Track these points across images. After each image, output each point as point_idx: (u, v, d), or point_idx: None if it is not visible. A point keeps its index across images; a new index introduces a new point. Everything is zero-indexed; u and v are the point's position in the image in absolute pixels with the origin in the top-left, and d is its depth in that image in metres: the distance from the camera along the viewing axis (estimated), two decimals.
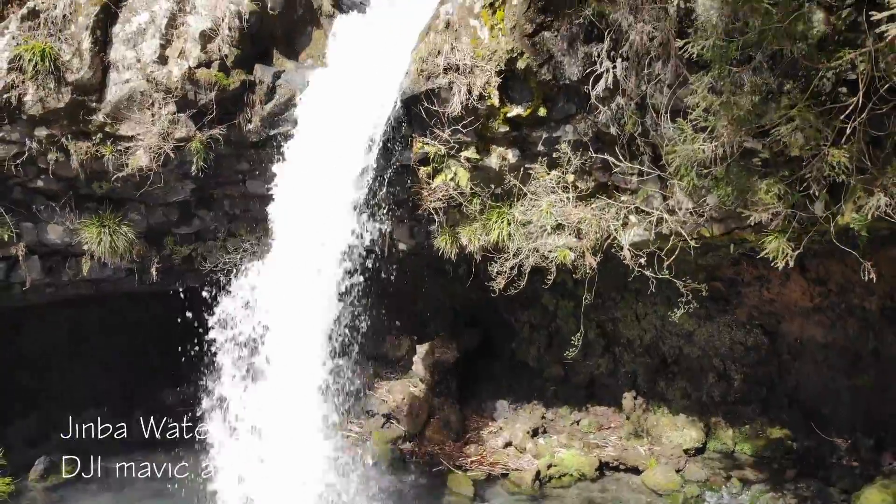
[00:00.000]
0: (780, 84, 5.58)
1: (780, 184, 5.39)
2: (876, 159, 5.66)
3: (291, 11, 7.86)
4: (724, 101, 5.00)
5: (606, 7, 6.43)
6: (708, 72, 5.22)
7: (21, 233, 7.74)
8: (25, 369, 9.90)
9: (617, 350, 9.93)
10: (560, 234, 7.61)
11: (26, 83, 6.92)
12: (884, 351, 8.06)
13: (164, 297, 8.81)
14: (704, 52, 5.09)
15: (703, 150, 5.41)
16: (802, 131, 5.17)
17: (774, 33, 4.77)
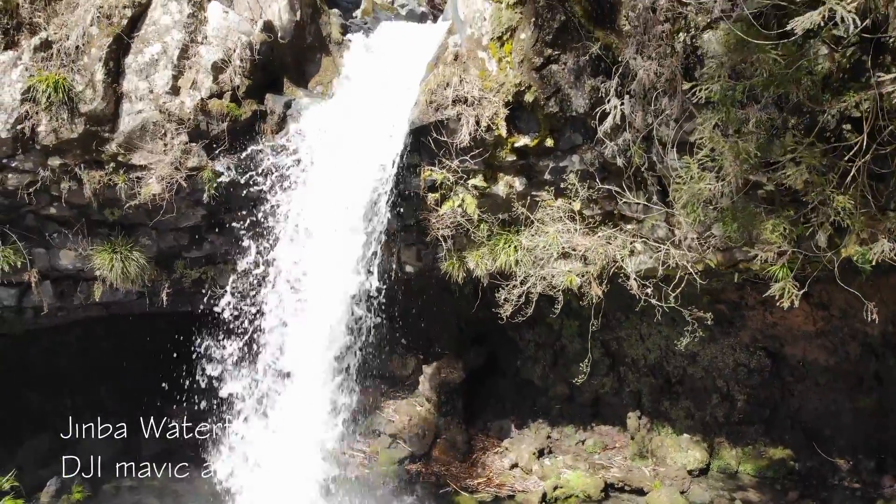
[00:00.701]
0: (785, 120, 5.70)
1: (786, 223, 5.48)
2: (879, 197, 5.79)
3: (301, 39, 7.96)
4: (731, 144, 5.07)
5: (613, 41, 6.57)
6: (715, 114, 5.31)
7: (34, 259, 7.83)
8: (35, 389, 9.98)
9: (622, 369, 10.03)
10: (567, 261, 7.72)
11: (40, 114, 7.00)
12: (885, 375, 8.17)
13: (172, 315, 8.93)
14: (712, 95, 5.20)
15: (710, 188, 5.50)
16: (808, 174, 5.27)
17: (780, 79, 4.86)
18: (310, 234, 7.32)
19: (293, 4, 7.79)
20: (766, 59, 4.57)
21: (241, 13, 7.73)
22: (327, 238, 7.27)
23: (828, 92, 5.48)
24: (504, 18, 6.73)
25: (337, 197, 7.16)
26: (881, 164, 5.51)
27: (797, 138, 5.65)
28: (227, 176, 7.31)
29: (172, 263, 8.54)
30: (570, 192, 7.16)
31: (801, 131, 5.65)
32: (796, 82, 4.90)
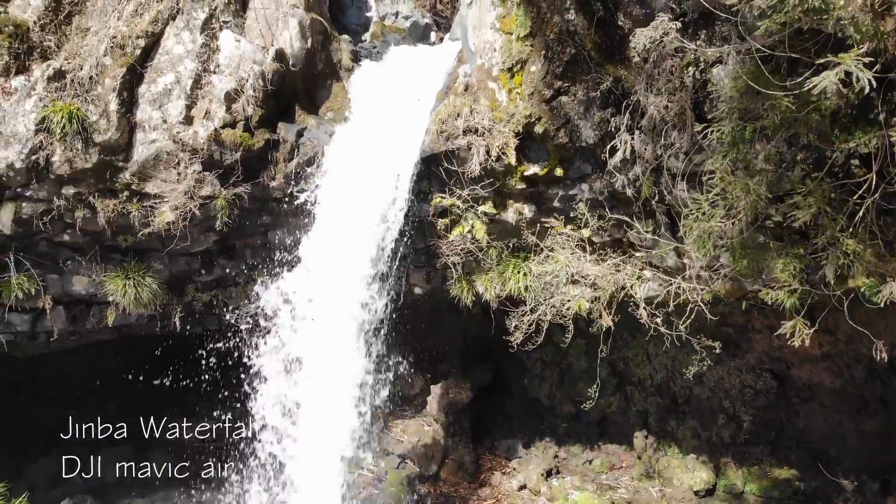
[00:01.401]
0: (794, 154, 5.77)
1: (795, 261, 5.55)
2: (887, 232, 5.86)
3: (312, 66, 8.03)
4: (743, 185, 5.14)
5: (622, 74, 6.64)
6: (725, 156, 5.38)
7: (47, 285, 7.89)
8: (44, 407, 10.04)
9: (628, 389, 10.10)
10: (576, 286, 7.78)
11: (54, 144, 7.06)
12: (890, 398, 8.24)
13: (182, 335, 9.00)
14: (723, 136, 5.26)
15: (721, 226, 5.57)
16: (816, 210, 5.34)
17: (791, 122, 4.93)
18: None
19: (304, 32, 7.86)
20: (777, 104, 4.62)
21: (252, 40, 7.79)
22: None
23: (836, 128, 5.55)
24: (514, 51, 6.80)
25: (345, 239, 7.26)
26: (889, 199, 5.59)
27: (805, 172, 5.74)
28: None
29: (184, 287, 8.61)
30: (579, 221, 7.24)
31: (809, 165, 5.73)
32: (807, 124, 4.95)
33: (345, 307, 7.36)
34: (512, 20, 6.89)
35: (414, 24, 11.21)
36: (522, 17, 6.72)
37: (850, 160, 5.73)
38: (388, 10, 11.17)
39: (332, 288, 7.30)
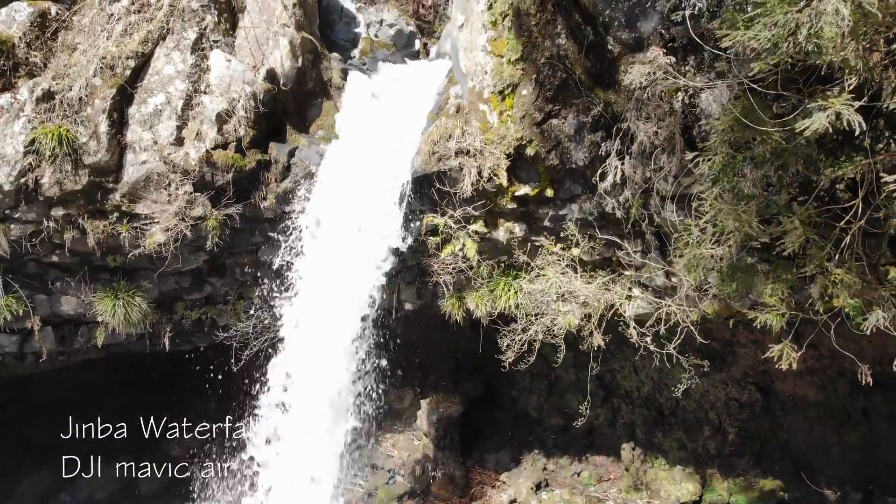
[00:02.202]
0: (781, 178, 5.89)
1: (784, 286, 5.67)
2: (872, 255, 6.00)
3: (303, 85, 8.04)
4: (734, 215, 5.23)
5: (612, 98, 6.73)
6: (716, 183, 5.48)
7: (35, 306, 7.83)
8: (35, 424, 9.96)
9: (615, 401, 10.22)
10: (566, 303, 7.87)
11: (43, 166, 7.02)
12: (872, 411, 8.43)
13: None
14: (713, 165, 5.36)
15: (711, 252, 5.67)
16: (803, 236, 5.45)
17: (781, 154, 5.03)
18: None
19: (295, 51, 7.88)
20: (769, 140, 4.73)
21: (243, 59, 7.79)
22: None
23: (822, 153, 5.68)
24: (506, 74, 6.86)
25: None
26: (874, 223, 5.72)
27: (792, 196, 5.87)
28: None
29: (173, 305, 8.59)
30: (570, 240, 7.32)
31: (795, 189, 5.86)
32: (795, 155, 5.07)
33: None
34: (503, 43, 6.95)
35: (398, 31, 11.25)
36: (513, 42, 6.79)
37: (836, 185, 5.88)
38: (373, 17, 11.22)
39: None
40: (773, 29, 3.63)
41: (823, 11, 3.46)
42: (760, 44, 3.81)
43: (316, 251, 7.37)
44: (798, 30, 3.64)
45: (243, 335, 8.38)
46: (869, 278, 5.47)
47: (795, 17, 3.60)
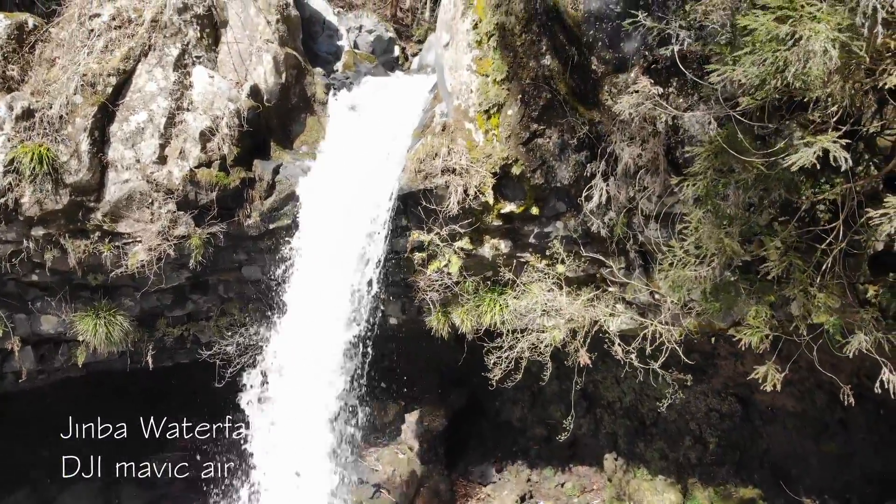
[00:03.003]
0: (761, 198, 6.00)
1: (766, 308, 5.77)
2: (852, 274, 6.13)
3: (286, 101, 8.00)
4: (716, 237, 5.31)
5: (596, 116, 6.80)
6: (700, 206, 5.56)
7: (15, 326, 7.70)
8: (14, 441, 9.78)
9: (598, 411, 10.31)
10: (550, 318, 7.93)
11: (23, 185, 6.91)
12: (850, 421, 8.60)
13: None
14: (698, 190, 5.44)
15: (695, 273, 5.76)
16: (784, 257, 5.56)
17: (764, 181, 5.13)
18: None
19: (279, 67, 7.84)
20: (751, 169, 4.81)
21: (225, 75, 7.74)
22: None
23: (803, 174, 5.79)
24: (492, 94, 6.88)
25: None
26: (853, 244, 5.84)
27: (772, 216, 5.99)
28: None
29: (154, 322, 8.50)
30: (556, 257, 7.37)
31: (776, 210, 5.98)
32: (778, 181, 5.16)
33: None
34: (488, 63, 6.98)
35: (377, 38, 11.23)
36: (499, 61, 6.82)
37: (816, 206, 6.00)
38: (352, 23, 11.19)
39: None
40: (763, 66, 3.70)
41: (812, 52, 3.53)
42: (749, 79, 3.88)
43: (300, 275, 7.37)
44: (786, 67, 3.71)
45: (226, 353, 8.30)
46: (849, 300, 5.60)
47: (784, 56, 3.67)
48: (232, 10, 7.91)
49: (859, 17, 3.41)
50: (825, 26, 3.52)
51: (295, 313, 7.45)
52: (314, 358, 7.39)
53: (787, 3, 3.54)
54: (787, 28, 3.54)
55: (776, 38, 3.61)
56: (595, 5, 6.67)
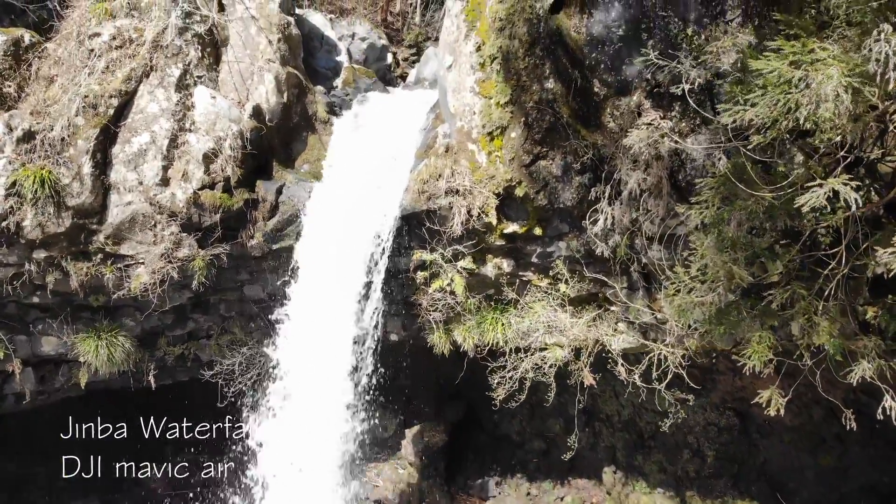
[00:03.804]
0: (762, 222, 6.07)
1: (770, 333, 5.84)
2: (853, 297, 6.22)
3: (288, 120, 7.99)
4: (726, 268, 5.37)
5: (598, 139, 6.85)
6: (707, 233, 5.62)
7: (16, 347, 7.65)
8: (10, 458, 9.71)
9: (596, 424, 10.37)
10: (552, 335, 7.98)
11: (25, 208, 6.86)
12: (846, 436, 8.69)
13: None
14: (705, 218, 5.50)
15: (701, 299, 5.82)
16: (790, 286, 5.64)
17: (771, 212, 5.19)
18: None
19: (280, 86, 7.83)
20: (762, 201, 4.87)
21: (227, 95, 7.72)
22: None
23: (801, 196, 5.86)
24: (495, 117, 6.92)
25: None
26: (855, 267, 5.92)
27: (774, 239, 6.06)
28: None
29: (155, 341, 8.46)
30: (560, 277, 7.42)
31: (777, 233, 6.05)
32: (785, 210, 5.21)
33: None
34: (491, 85, 7.01)
35: (371, 45, 11.26)
36: (502, 84, 6.85)
37: (817, 230, 6.08)
38: (345, 31, 11.20)
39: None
40: (775, 109, 3.75)
41: (824, 96, 3.58)
42: (761, 120, 3.93)
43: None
44: (797, 108, 3.77)
45: (228, 372, 8.29)
46: (852, 326, 5.68)
47: (795, 98, 3.73)
48: (233, 29, 7.89)
49: (872, 63, 3.47)
50: (837, 71, 3.58)
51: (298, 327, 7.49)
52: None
53: (801, 49, 3.60)
54: (801, 73, 3.59)
55: (788, 81, 3.67)
56: (597, 29, 6.74)
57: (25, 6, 8.65)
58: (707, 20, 6.44)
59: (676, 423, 9.75)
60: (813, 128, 3.89)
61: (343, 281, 7.49)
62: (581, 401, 7.93)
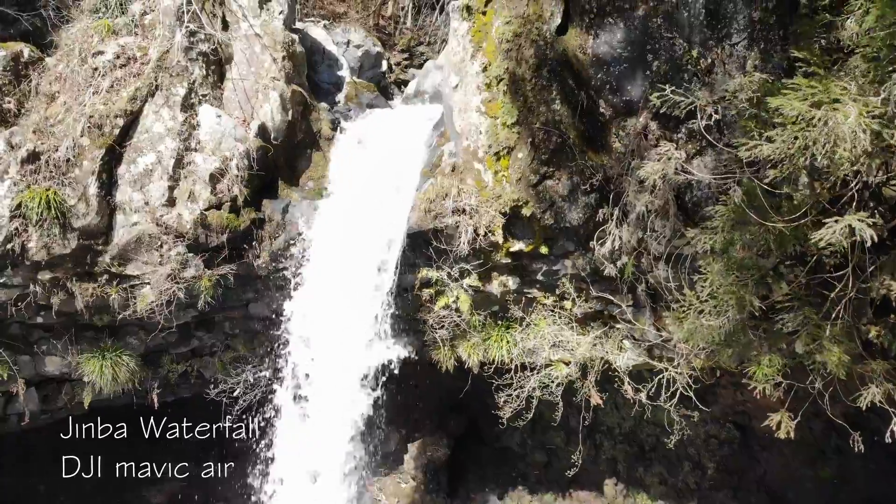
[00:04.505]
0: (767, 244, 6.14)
1: (779, 356, 5.91)
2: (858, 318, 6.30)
3: (293, 137, 7.98)
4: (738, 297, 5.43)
5: (604, 160, 6.90)
6: (716, 259, 5.68)
7: (19, 367, 7.59)
8: (5, 476, 9.65)
9: (598, 437, 10.44)
10: (557, 350, 8.03)
11: (30, 229, 6.81)
12: (845, 449, 8.80)
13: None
14: (715, 244, 5.56)
15: (710, 324, 5.88)
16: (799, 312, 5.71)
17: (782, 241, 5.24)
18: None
19: (285, 104, 7.81)
20: (773, 230, 4.93)
21: (231, 113, 7.71)
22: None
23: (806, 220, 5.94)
24: (502, 137, 6.95)
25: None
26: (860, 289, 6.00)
27: (779, 260, 6.12)
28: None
29: (159, 359, 8.43)
30: (567, 296, 7.47)
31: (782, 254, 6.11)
32: (796, 238, 5.27)
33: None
34: (497, 105, 7.04)
35: (365, 52, 11.28)
36: (509, 105, 6.89)
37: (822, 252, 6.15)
38: (340, 38, 11.22)
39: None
40: (793, 146, 3.81)
41: (841, 136, 3.64)
42: (778, 156, 3.99)
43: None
44: (815, 146, 3.83)
45: (232, 389, 8.28)
46: (858, 349, 5.75)
47: (813, 136, 3.78)
48: (237, 47, 7.87)
49: (892, 106, 3.52)
50: (854, 111, 3.64)
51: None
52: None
53: (821, 90, 3.65)
54: (821, 113, 3.64)
55: (808, 121, 3.72)
56: (603, 50, 6.78)
57: (18, 14, 8.55)
58: (712, 42, 6.52)
59: (686, 446, 9.89)
60: (828, 164, 3.94)
61: (351, 305, 7.53)
62: (586, 418, 7.97)
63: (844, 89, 3.69)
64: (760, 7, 6.24)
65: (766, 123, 4.08)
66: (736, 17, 6.34)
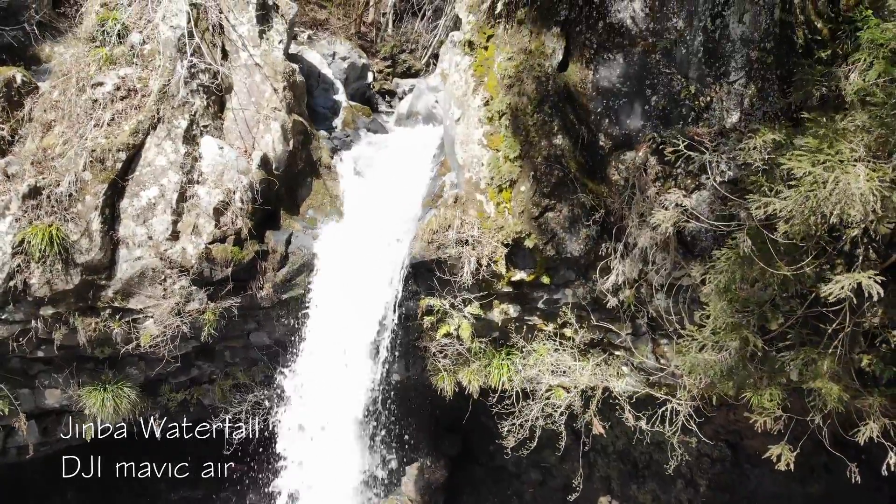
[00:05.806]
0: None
1: (779, 391, 6.09)
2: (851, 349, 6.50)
3: (293, 167, 8.01)
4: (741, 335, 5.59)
5: (604, 191, 7.04)
6: (720, 297, 5.84)
7: (19, 401, 7.53)
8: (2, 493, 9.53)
9: (591, 455, 10.58)
10: (556, 376, 8.15)
11: (32, 266, 6.77)
12: (834, 466, 9.04)
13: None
14: (718, 283, 5.72)
15: (713, 358, 6.04)
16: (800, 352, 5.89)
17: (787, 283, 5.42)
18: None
19: (286, 135, 7.84)
20: (776, 275, 5.09)
21: (232, 143, 7.71)
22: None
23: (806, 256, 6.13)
24: (504, 170, 7.05)
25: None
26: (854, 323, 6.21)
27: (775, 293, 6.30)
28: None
29: (158, 388, 8.40)
30: (570, 326, 7.60)
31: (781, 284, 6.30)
32: (799, 280, 5.44)
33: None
34: (500, 139, 7.15)
35: (351, 64, 11.35)
36: (511, 140, 6.99)
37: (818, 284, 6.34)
38: (325, 50, 11.27)
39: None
40: (805, 205, 3.95)
41: (852, 196, 3.79)
42: (790, 213, 4.14)
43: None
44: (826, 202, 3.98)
45: (233, 418, 8.29)
46: (856, 384, 5.96)
47: (825, 196, 3.93)
48: (237, 77, 7.88)
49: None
50: (864, 172, 3.79)
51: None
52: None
53: (831, 153, 3.80)
54: (833, 176, 3.79)
55: (821, 182, 3.87)
56: (603, 84, 6.92)
57: (1, 29, 8.46)
58: (710, 79, 6.70)
59: (679, 464, 10.06)
60: (838, 222, 4.10)
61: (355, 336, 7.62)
62: (586, 443, 8.10)
63: (853, 150, 3.84)
64: (758, 47, 6.44)
65: (777, 179, 4.22)
66: (734, 55, 6.52)
